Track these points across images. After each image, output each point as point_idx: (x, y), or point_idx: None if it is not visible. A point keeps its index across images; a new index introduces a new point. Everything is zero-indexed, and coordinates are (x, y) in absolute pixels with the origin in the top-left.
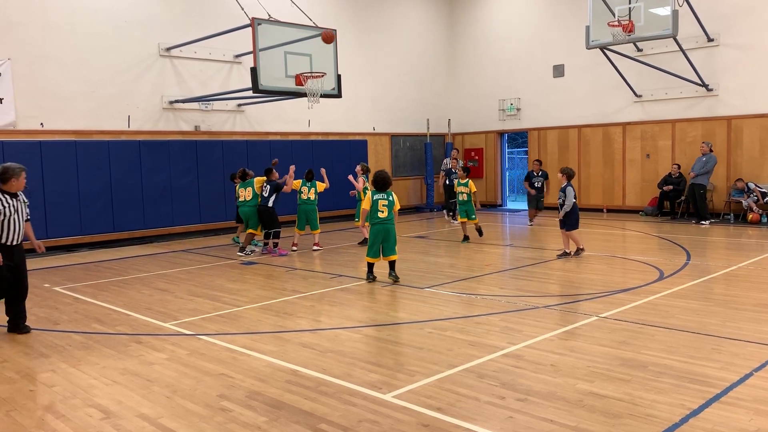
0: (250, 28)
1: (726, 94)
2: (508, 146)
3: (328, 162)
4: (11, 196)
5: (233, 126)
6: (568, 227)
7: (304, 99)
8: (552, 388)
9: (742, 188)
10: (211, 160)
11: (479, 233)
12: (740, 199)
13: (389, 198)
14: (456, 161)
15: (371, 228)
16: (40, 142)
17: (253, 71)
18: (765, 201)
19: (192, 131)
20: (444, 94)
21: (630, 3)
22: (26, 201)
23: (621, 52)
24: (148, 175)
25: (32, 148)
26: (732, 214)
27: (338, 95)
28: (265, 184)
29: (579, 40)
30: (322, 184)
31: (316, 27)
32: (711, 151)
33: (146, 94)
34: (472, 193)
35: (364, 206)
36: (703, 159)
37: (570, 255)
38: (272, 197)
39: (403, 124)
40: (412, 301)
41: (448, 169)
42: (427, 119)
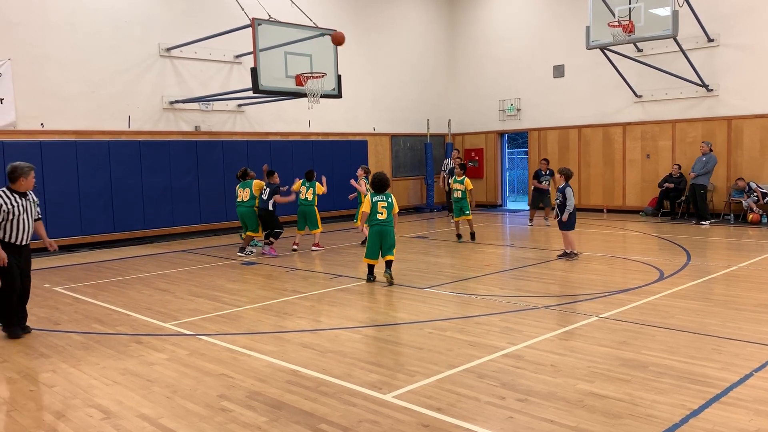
0: (250, 29)
1: (726, 95)
2: (508, 146)
3: (329, 162)
4: (20, 196)
5: (233, 126)
6: (565, 228)
7: (304, 99)
8: (552, 389)
9: (743, 188)
10: (211, 161)
11: (472, 238)
12: (740, 200)
13: (388, 200)
14: (457, 160)
15: (370, 229)
16: (40, 142)
17: (254, 71)
18: (765, 201)
19: (192, 131)
20: (444, 95)
21: (630, 3)
22: (36, 200)
23: (621, 52)
24: (149, 176)
25: (32, 149)
26: (732, 215)
27: (338, 95)
28: (264, 187)
29: (579, 41)
30: (322, 188)
31: (317, 27)
32: (711, 151)
33: (146, 94)
34: (468, 190)
35: (363, 208)
36: (704, 159)
37: (576, 256)
38: (271, 200)
39: (403, 124)
40: (412, 301)
41: (450, 169)
42: (428, 119)
